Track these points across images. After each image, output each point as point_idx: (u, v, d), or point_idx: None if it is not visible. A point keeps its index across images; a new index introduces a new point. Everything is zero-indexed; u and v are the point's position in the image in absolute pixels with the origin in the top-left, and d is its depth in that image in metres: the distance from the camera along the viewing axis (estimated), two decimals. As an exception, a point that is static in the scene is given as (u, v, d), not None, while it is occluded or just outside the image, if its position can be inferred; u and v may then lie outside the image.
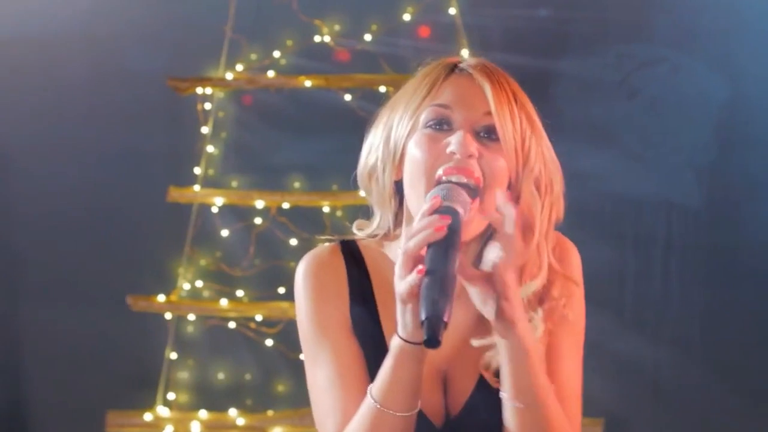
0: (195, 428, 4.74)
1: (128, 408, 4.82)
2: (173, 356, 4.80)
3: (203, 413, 4.78)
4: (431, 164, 1.81)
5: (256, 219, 4.75)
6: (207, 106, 4.74)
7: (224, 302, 4.71)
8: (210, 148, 4.69)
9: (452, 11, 4.67)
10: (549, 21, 4.95)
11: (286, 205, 4.72)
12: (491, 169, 1.81)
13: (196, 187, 4.64)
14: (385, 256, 1.94)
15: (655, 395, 5.11)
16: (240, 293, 4.81)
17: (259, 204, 4.70)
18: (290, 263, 4.63)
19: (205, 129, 4.70)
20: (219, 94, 4.76)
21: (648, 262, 5.07)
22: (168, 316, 4.77)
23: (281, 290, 4.75)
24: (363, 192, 1.98)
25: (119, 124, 5.00)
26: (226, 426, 4.73)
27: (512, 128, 1.84)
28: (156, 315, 4.78)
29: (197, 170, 4.69)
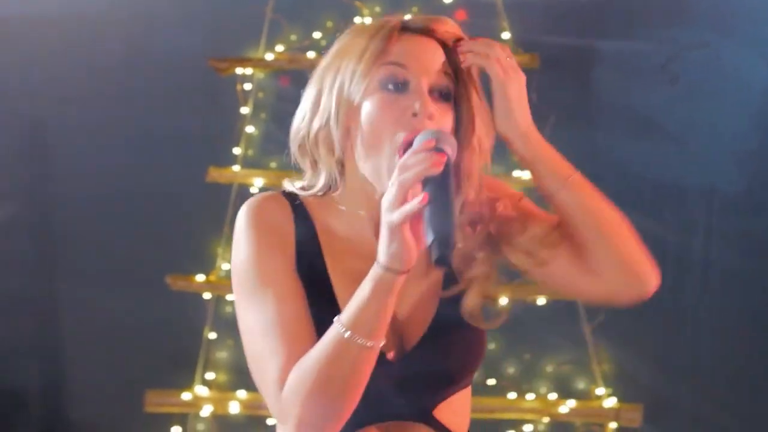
0: (233, 408, 4.75)
1: (167, 387, 4.84)
2: (212, 336, 4.81)
3: (242, 393, 4.79)
4: (392, 127, 1.84)
5: (294, 199, 4.76)
6: (247, 87, 4.75)
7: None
8: (249, 129, 4.70)
9: (493, -7, 4.67)
10: (590, 4, 4.92)
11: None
12: (442, 124, 1.86)
13: (236, 168, 4.65)
14: (329, 208, 1.96)
15: (695, 381, 5.09)
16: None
17: (298, 185, 4.70)
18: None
19: (245, 109, 4.71)
20: (259, 75, 4.76)
21: (689, 249, 5.05)
22: (207, 296, 4.78)
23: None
24: (297, 153, 1.97)
25: (159, 105, 5.02)
26: (265, 406, 4.72)
27: (461, 84, 1.90)
28: (195, 295, 4.79)
29: (237, 151, 4.70)
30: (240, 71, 4.70)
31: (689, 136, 4.94)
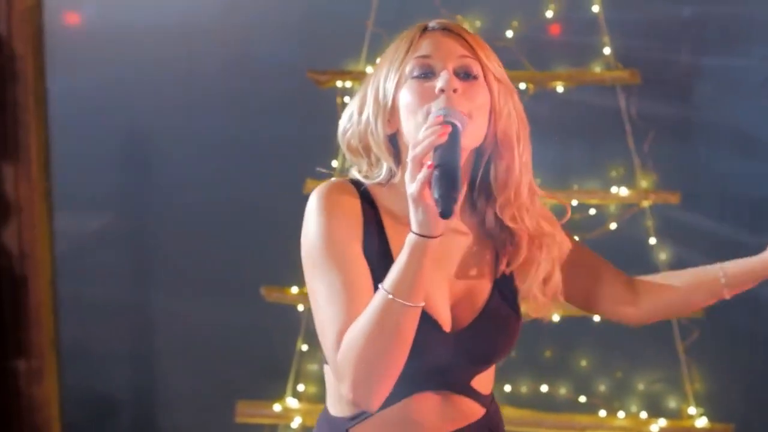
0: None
1: (258, 398, 4.85)
2: (304, 348, 4.81)
3: (332, 406, 4.80)
4: (422, 106, 2.07)
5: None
6: (346, 100, 4.74)
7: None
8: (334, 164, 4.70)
9: (595, 8, 4.62)
10: (692, 19, 4.88)
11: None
12: (474, 102, 2.08)
13: (333, 180, 4.64)
14: (390, 193, 2.17)
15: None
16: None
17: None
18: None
19: (345, 122, 4.70)
20: (358, 88, 4.75)
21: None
22: (300, 308, 4.78)
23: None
24: (347, 150, 2.24)
25: (258, 116, 5.05)
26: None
27: (485, 64, 2.12)
28: (289, 306, 4.80)
29: (334, 163, 4.69)
30: (340, 84, 4.69)
31: (790, 153, 4.89)
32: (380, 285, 1.97)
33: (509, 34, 4.71)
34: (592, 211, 4.76)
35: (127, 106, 5.16)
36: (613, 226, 4.74)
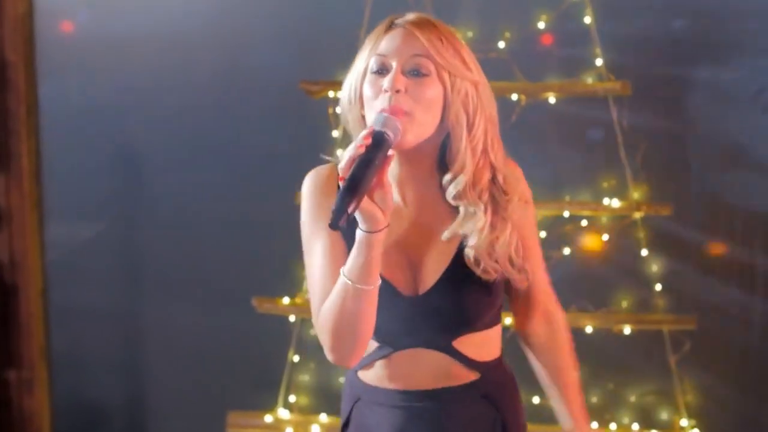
0: (315, 431, 4.75)
1: (249, 409, 4.84)
2: (296, 359, 4.81)
3: (324, 417, 4.79)
4: (374, 101, 2.32)
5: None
6: (338, 110, 4.73)
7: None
8: (339, 152, 4.69)
9: (587, 20, 4.63)
10: (683, 31, 4.89)
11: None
12: (419, 99, 2.30)
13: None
14: None
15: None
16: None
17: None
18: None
19: (336, 133, 4.70)
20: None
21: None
22: (292, 318, 4.78)
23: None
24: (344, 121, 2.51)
25: (250, 126, 5.04)
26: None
27: (438, 60, 2.31)
28: (280, 317, 4.79)
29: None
30: (332, 94, 4.69)
31: (782, 166, 4.89)
32: (341, 270, 2.26)
33: (501, 45, 4.71)
34: (584, 223, 4.76)
35: (119, 115, 5.15)
36: (605, 238, 4.74)
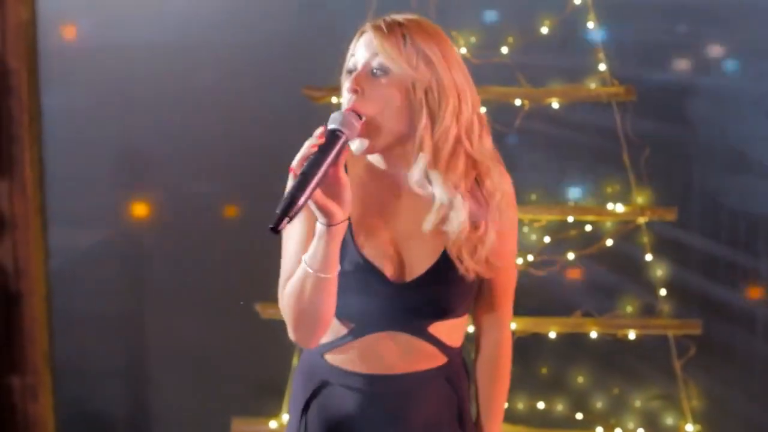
0: (319, 437, 4.74)
1: (254, 415, 4.84)
2: (299, 365, 4.80)
3: (328, 423, 4.78)
4: (345, 98, 2.43)
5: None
6: (342, 115, 4.73)
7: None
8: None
9: (590, 25, 4.62)
10: (687, 36, 4.89)
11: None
12: (376, 101, 2.36)
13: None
14: (358, 161, 2.50)
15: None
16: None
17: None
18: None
19: (339, 139, 4.69)
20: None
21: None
22: (296, 324, 4.77)
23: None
24: None
25: (252, 132, 5.04)
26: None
27: (394, 59, 2.37)
28: (284, 323, 4.77)
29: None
30: (335, 100, 4.69)
31: (785, 170, 4.89)
32: (302, 258, 2.34)
33: (504, 50, 4.71)
34: (589, 228, 4.76)
35: (121, 122, 5.15)
36: (610, 243, 4.74)
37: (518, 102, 4.63)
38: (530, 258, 4.71)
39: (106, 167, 5.22)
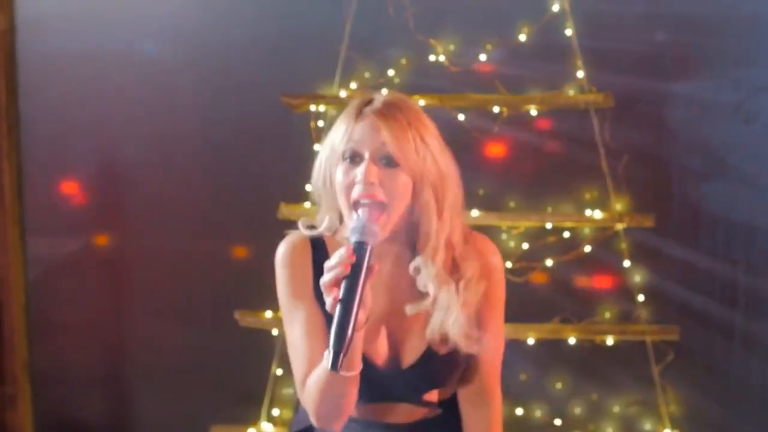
0: (299, 445, 4.73)
1: (233, 423, 4.84)
2: (279, 372, 4.80)
3: (307, 430, 4.78)
4: (347, 188, 2.41)
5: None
6: (320, 124, 4.74)
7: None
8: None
9: (569, 32, 4.64)
10: (665, 44, 4.90)
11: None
12: (391, 189, 2.40)
13: (307, 204, 4.65)
14: (337, 244, 2.51)
15: (765, 420, 5.04)
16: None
17: (369, 222, 4.69)
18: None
19: (318, 146, 4.70)
20: (332, 112, 4.75)
21: (760, 289, 5.00)
22: (275, 332, 4.77)
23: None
24: (313, 194, 2.57)
25: (231, 140, 5.03)
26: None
27: (406, 153, 2.40)
28: (263, 331, 4.79)
29: (308, 187, 4.69)
30: (313, 108, 4.70)
31: (762, 176, 4.90)
32: (325, 354, 2.27)
33: (483, 58, 4.72)
34: (567, 234, 4.77)
35: (100, 131, 5.14)
36: (588, 249, 4.75)
37: (496, 109, 4.64)
38: (509, 265, 4.72)
39: (85, 176, 5.20)
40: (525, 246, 4.81)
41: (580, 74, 4.63)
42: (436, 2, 4.81)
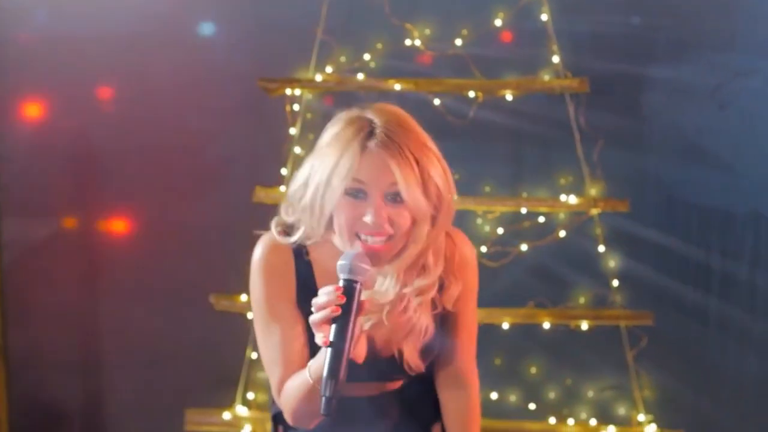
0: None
1: (207, 406, 4.83)
2: (254, 356, 4.80)
3: (282, 414, 4.78)
4: (351, 225, 2.40)
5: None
6: (296, 108, 4.73)
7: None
8: (297, 150, 4.68)
9: (544, 17, 4.64)
10: (640, 28, 4.90)
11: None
12: (397, 225, 2.41)
13: (283, 188, 4.64)
14: (325, 249, 2.53)
15: (738, 407, 5.06)
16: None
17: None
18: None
19: (293, 130, 4.69)
20: (308, 96, 4.74)
21: (735, 275, 5.02)
22: (250, 316, 4.76)
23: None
24: (287, 208, 2.53)
25: (207, 124, 5.02)
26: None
27: (414, 195, 2.40)
28: (238, 315, 4.78)
29: (284, 171, 4.69)
30: (289, 92, 4.68)
31: (737, 162, 4.91)
32: (308, 366, 2.37)
33: (458, 42, 4.72)
34: (542, 219, 4.78)
35: (77, 114, 5.12)
36: (563, 234, 4.76)
37: (472, 94, 4.64)
38: (483, 249, 4.72)
39: (61, 158, 5.19)
40: (500, 231, 4.81)
41: (556, 59, 4.63)
42: (412, -14, 4.81)
